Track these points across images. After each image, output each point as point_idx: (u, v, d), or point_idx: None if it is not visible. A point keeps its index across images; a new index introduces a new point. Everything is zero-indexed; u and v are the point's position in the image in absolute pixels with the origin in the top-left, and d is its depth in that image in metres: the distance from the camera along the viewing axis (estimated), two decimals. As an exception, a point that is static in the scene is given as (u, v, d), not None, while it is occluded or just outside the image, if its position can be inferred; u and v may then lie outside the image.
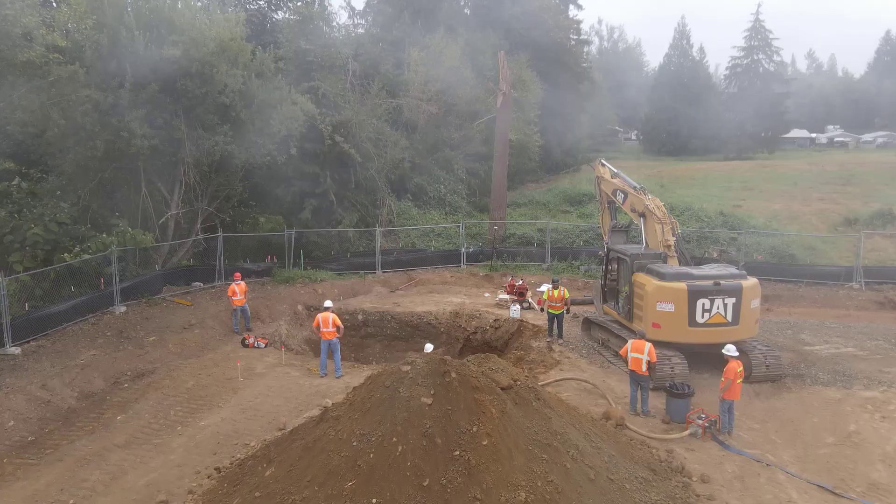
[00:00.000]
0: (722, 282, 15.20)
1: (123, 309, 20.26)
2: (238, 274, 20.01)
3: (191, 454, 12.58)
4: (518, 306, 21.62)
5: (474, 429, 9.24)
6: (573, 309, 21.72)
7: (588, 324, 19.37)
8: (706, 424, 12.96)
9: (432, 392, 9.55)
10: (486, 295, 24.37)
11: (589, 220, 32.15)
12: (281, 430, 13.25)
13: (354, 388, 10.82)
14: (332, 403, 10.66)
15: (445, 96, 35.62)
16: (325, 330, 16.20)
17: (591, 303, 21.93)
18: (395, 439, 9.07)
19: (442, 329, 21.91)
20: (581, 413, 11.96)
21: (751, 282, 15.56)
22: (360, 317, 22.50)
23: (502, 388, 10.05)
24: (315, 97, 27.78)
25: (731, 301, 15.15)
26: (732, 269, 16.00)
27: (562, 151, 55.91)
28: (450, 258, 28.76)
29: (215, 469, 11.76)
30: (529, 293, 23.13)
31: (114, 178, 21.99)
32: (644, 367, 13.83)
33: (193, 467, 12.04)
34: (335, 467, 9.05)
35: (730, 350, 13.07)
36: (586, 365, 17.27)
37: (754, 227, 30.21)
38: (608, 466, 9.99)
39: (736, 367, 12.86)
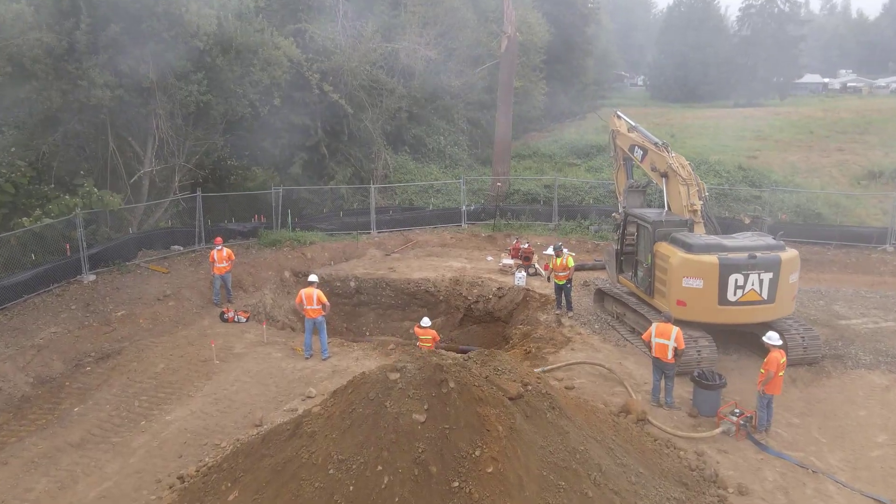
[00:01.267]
0: (758, 254, 13.37)
1: (92, 278, 18.49)
2: (219, 238, 18.15)
3: (153, 457, 11.01)
4: (523, 273, 19.87)
5: (477, 452, 7.60)
6: (584, 275, 20.04)
7: (601, 295, 17.64)
8: (741, 422, 11.33)
9: (426, 407, 7.87)
10: (489, 258, 22.58)
11: (598, 175, 30.12)
12: (257, 426, 11.71)
13: (334, 392, 9.13)
14: (311, 410, 9.00)
15: (445, 40, 33.03)
16: (309, 308, 14.47)
17: (603, 268, 20.20)
18: (379, 468, 7.42)
19: (441, 297, 20.23)
20: (600, 416, 10.30)
21: (790, 254, 13.73)
22: (352, 283, 20.79)
23: (511, 399, 8.35)
24: (301, 41, 25.33)
25: (767, 276, 13.35)
26: (769, 239, 14.13)
27: (567, 98, 53.30)
28: (450, 217, 26.83)
29: (178, 478, 10.22)
30: (536, 257, 21.34)
31: (78, 133, 19.92)
32: (670, 355, 12.14)
33: (154, 474, 10.49)
34: (307, 502, 7.42)
35: (772, 338, 11.33)
36: (600, 343, 15.63)
37: (775, 182, 28.14)
38: (636, 489, 8.37)
39: (779, 357, 11.16)
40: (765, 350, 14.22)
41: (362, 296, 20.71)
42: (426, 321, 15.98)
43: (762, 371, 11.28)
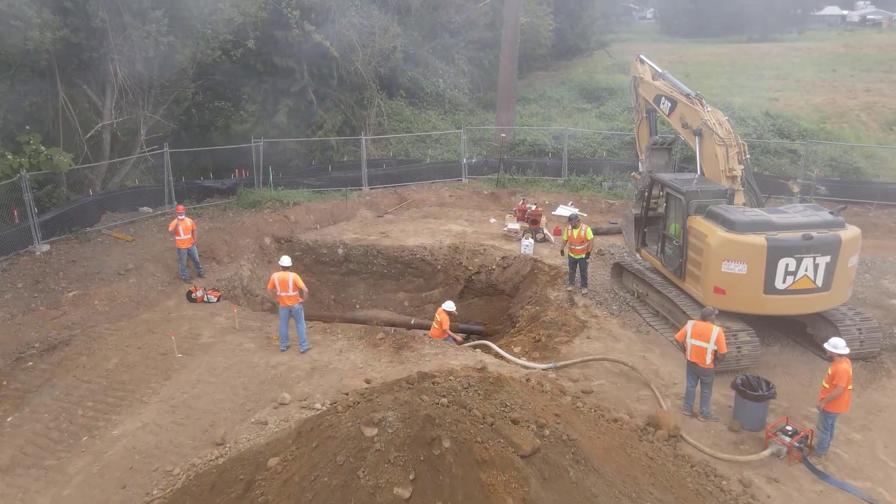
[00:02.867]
0: (814, 234, 11.24)
1: (46, 248, 16.46)
2: (181, 207, 15.95)
3: (91, 487, 9.19)
4: (531, 240, 17.76)
5: (480, 539, 5.70)
6: (598, 241, 17.87)
7: (619, 270, 15.57)
8: (795, 443, 9.44)
9: (412, 476, 5.93)
10: (492, 221, 20.42)
11: (611, 123, 27.52)
12: (218, 444, 9.83)
13: (298, 435, 7.20)
14: (267, 463, 7.08)
15: (444, -30, 29.93)
16: (284, 294, 12.42)
17: (620, 232, 18.14)
18: (349, 566, 5.54)
19: (439, 267, 18.18)
20: (631, 452, 8.38)
21: (851, 233, 11.57)
22: (340, 251, 18.71)
23: (523, 456, 6.40)
24: (280, -29, 22.46)
25: (824, 260, 11.25)
26: (825, 214, 11.93)
27: (574, 34, 49.84)
28: (449, 171, 24.49)
29: (117, 520, 8.44)
30: (544, 220, 19.15)
31: (27, 81, 17.45)
32: (709, 360, 10.17)
33: (89, 513, 8.71)
34: None
35: (838, 346, 9.24)
36: (619, 328, 13.68)
37: (806, 131, 25.56)
38: (683, 566, 6.53)
39: (848, 368, 9.16)
40: (812, 341, 12.47)
41: (351, 264, 18.66)
42: (450, 305, 14.04)
43: (825, 385, 9.30)
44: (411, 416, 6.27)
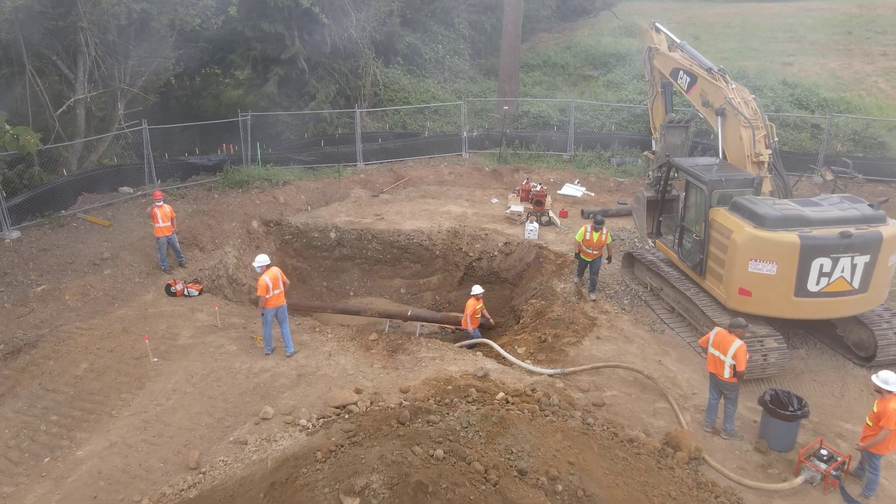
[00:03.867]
0: (853, 230, 10.11)
1: (16, 235, 15.37)
2: (158, 192, 14.71)
3: (50, 521, 8.31)
4: (535, 225, 16.63)
5: None
6: (607, 224, 16.75)
7: (631, 260, 14.49)
8: (832, 471, 8.48)
9: (400, 560, 4.94)
10: (494, 201, 19.23)
11: (619, 93, 26.05)
12: (192, 469, 8.90)
13: (271, 486, 6.21)
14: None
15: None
16: (276, 293, 11.31)
17: (629, 214, 17.07)
18: None
19: (437, 252, 17.10)
20: (652, 492, 7.41)
21: (893, 228, 10.44)
22: (332, 235, 17.59)
23: (533, 525, 5.42)
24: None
25: (862, 259, 10.16)
26: (863, 206, 10.76)
27: (578, -7, 47.84)
28: (448, 145, 23.15)
29: (74, 565, 7.54)
30: (549, 200, 17.98)
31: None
32: (727, 373, 9.15)
33: (46, 554, 7.82)
34: None
35: (889, 382, 8.07)
36: (631, 326, 12.67)
37: (825, 101, 24.12)
38: None
39: (897, 406, 8.09)
40: (842, 343, 11.51)
41: (344, 249, 17.57)
42: (476, 289, 13.20)
43: (868, 423, 8.23)
44: (400, 482, 5.26)
